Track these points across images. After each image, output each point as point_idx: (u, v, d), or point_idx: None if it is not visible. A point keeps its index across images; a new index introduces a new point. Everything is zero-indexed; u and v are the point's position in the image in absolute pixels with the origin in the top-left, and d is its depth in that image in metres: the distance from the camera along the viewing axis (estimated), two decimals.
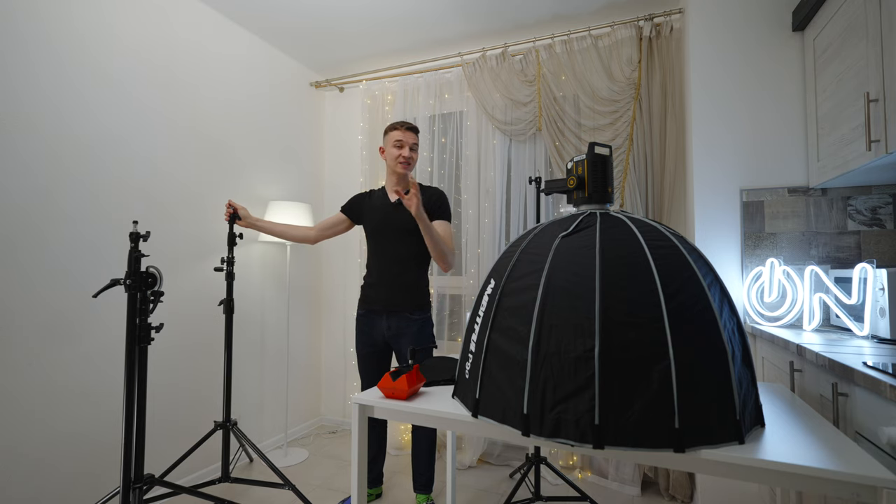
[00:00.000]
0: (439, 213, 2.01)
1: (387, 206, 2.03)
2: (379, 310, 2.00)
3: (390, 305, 1.97)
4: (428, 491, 2.08)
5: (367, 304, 2.03)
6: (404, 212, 1.98)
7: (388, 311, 1.98)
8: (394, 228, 1.99)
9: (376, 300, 2.00)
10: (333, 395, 3.20)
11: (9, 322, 1.63)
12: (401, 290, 1.97)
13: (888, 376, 0.95)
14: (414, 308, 1.98)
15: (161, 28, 2.18)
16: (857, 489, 0.74)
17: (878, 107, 1.35)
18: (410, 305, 1.97)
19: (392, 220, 1.99)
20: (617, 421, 0.81)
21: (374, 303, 2.01)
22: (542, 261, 0.95)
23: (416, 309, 1.98)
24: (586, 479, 2.39)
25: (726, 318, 0.89)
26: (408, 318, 1.97)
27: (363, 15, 2.49)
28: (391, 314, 1.98)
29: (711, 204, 2.00)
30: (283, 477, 2.01)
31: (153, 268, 1.54)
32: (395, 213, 2.01)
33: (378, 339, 2.03)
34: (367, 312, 2.04)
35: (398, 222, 1.98)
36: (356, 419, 1.14)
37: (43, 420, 1.72)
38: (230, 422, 2.11)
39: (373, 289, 2.02)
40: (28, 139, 1.70)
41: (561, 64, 2.50)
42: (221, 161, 2.48)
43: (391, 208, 2.02)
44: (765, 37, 1.94)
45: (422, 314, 2.00)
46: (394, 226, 1.99)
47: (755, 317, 1.85)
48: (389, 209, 2.02)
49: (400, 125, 2.01)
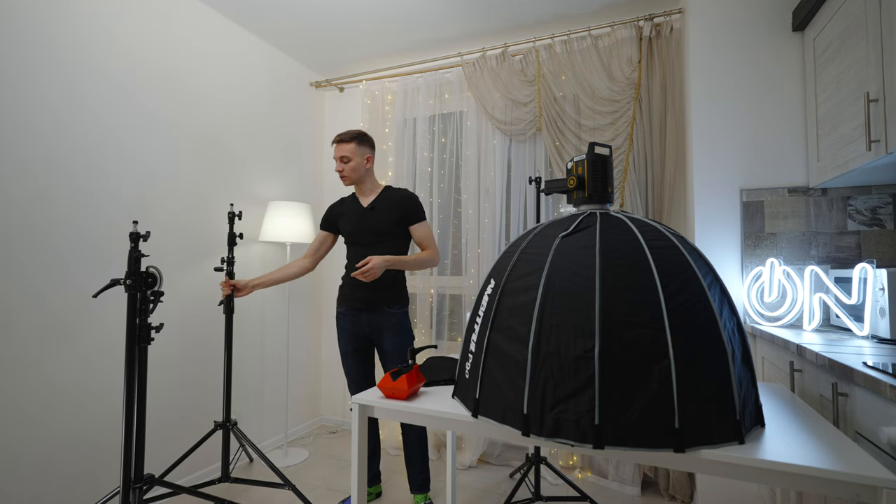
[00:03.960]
0: (417, 216, 2.06)
1: (359, 211, 2.07)
2: (359, 306, 2.04)
3: (370, 302, 2.02)
4: (425, 491, 2.08)
5: (347, 302, 2.07)
6: (376, 215, 2.03)
7: (368, 308, 2.03)
8: (367, 232, 2.03)
9: (355, 298, 2.04)
10: (333, 395, 3.20)
11: (9, 322, 1.63)
12: (379, 289, 2.01)
13: (888, 376, 0.95)
14: (392, 303, 2.03)
15: (161, 28, 2.18)
16: (857, 489, 0.74)
17: (878, 107, 1.35)
18: (388, 301, 2.02)
19: (364, 224, 2.04)
20: (617, 421, 0.81)
21: (353, 300, 2.04)
22: (542, 261, 0.95)
23: (394, 303, 2.03)
24: (586, 479, 2.39)
25: (726, 318, 0.89)
26: (387, 312, 2.02)
27: (363, 15, 2.49)
28: (371, 310, 2.02)
29: (711, 204, 2.00)
30: (282, 477, 2.01)
31: (153, 268, 1.54)
32: (366, 217, 2.04)
33: (360, 333, 2.07)
34: (347, 310, 2.07)
35: (370, 226, 2.03)
36: (356, 419, 1.14)
37: (43, 420, 1.72)
38: (230, 422, 2.11)
39: (352, 289, 2.05)
40: (27, 139, 1.70)
41: (561, 64, 2.50)
42: (221, 161, 2.48)
43: (363, 213, 2.06)
44: (765, 37, 1.94)
45: (399, 308, 2.05)
46: (366, 229, 2.03)
47: (755, 317, 1.85)
48: (361, 214, 2.06)
49: (335, 139, 2.06)
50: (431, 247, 2.06)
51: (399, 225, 2.03)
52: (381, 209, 2.04)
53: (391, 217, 2.02)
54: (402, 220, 2.03)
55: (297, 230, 2.59)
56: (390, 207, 2.03)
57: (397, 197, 2.06)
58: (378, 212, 2.04)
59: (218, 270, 2.03)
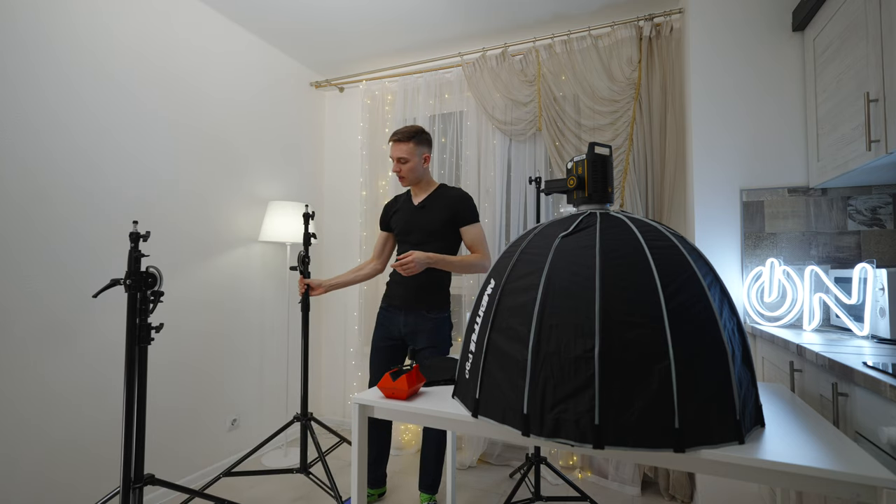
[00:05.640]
0: (468, 217, 2.00)
1: (410, 209, 2.05)
2: (399, 305, 2.02)
3: (409, 303, 2.00)
4: (433, 491, 2.08)
5: (389, 299, 2.07)
6: (426, 214, 2.00)
7: (407, 308, 2.00)
8: (417, 230, 2.00)
9: (396, 297, 2.03)
10: (333, 395, 3.20)
11: (7, 323, 1.63)
12: (420, 290, 1.99)
13: (888, 376, 0.95)
14: (430, 307, 1.99)
15: (161, 28, 2.18)
16: (857, 489, 0.74)
17: (878, 107, 1.35)
18: (427, 304, 1.99)
19: (415, 222, 2.01)
20: (617, 421, 0.81)
21: (394, 299, 2.04)
22: (542, 261, 0.95)
23: (433, 308, 2.00)
24: (586, 479, 2.39)
25: (726, 318, 0.89)
26: (424, 317, 1.99)
27: (363, 15, 2.49)
28: (409, 311, 2.00)
29: (711, 204, 2.00)
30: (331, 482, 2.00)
31: (153, 268, 1.54)
32: (417, 215, 2.01)
33: (395, 333, 2.05)
34: (388, 307, 2.07)
35: (421, 223, 2.00)
36: (356, 419, 1.14)
37: (43, 420, 1.72)
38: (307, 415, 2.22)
39: (395, 286, 2.05)
40: (27, 139, 1.70)
41: (561, 64, 2.50)
42: (221, 161, 2.48)
43: (414, 211, 2.03)
44: (765, 37, 1.94)
45: (438, 313, 2.01)
46: (417, 227, 2.00)
47: (755, 317, 1.85)
48: (412, 212, 2.03)
49: (392, 136, 2.01)
50: (482, 251, 1.98)
51: (449, 225, 1.97)
52: (433, 208, 1.99)
53: (441, 217, 1.97)
54: (453, 220, 1.98)
55: (298, 230, 2.59)
56: (442, 207, 1.98)
57: (450, 196, 2.01)
58: (428, 210, 2.00)
59: (293, 270, 2.14)
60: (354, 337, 3.10)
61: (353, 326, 3.12)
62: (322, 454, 2.13)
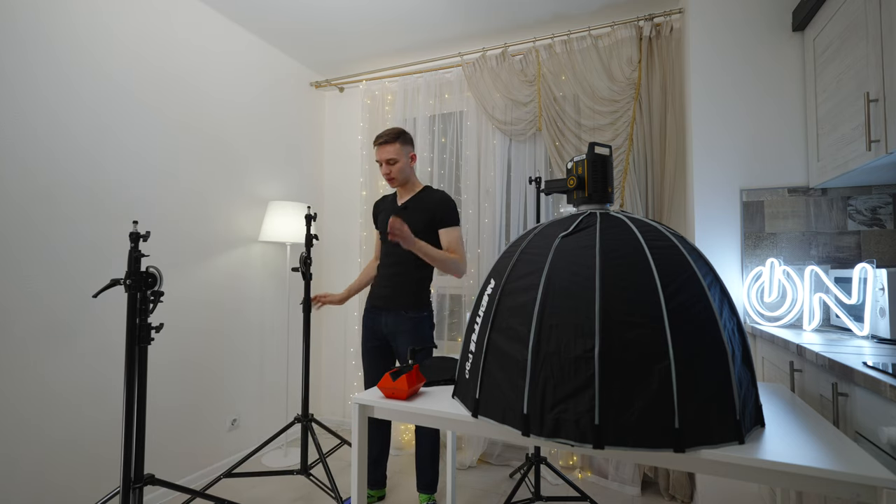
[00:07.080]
0: (446, 220, 2.01)
1: (393, 209, 2.08)
2: (380, 306, 2.05)
3: (389, 303, 2.02)
4: (432, 491, 2.08)
5: (372, 300, 2.10)
6: (408, 215, 2.02)
7: (387, 309, 2.03)
8: None
9: (378, 297, 2.06)
10: (333, 394, 3.19)
11: (7, 323, 1.63)
12: (399, 289, 2.01)
13: (888, 376, 0.95)
14: (409, 307, 2.01)
15: (161, 28, 2.17)
16: (857, 489, 0.74)
17: (878, 107, 1.35)
18: (406, 304, 2.01)
19: None
20: (617, 421, 0.81)
21: (377, 299, 2.07)
22: (542, 261, 0.95)
23: (411, 308, 2.01)
24: (586, 479, 2.39)
25: (726, 318, 0.89)
26: (403, 316, 2.01)
27: (363, 15, 2.49)
28: (388, 311, 2.03)
29: (711, 204, 2.00)
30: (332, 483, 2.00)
31: (153, 268, 1.54)
32: (401, 215, 2.04)
33: (379, 333, 2.07)
34: (371, 308, 2.10)
35: None
36: (356, 419, 1.14)
37: (43, 420, 1.71)
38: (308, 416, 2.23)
39: (377, 287, 2.08)
40: (26, 139, 1.70)
41: (561, 64, 2.50)
42: (221, 161, 2.48)
43: (396, 211, 2.07)
44: (765, 37, 1.94)
45: (417, 313, 2.02)
46: None
47: (755, 317, 1.85)
48: (394, 211, 2.07)
49: (376, 140, 2.03)
50: (458, 253, 1.99)
51: (429, 227, 1.99)
52: (415, 209, 2.02)
53: (422, 218, 1.99)
54: (432, 222, 1.99)
55: (298, 230, 2.59)
56: (423, 209, 2.01)
57: (432, 198, 2.03)
58: (410, 211, 2.02)
59: (295, 271, 2.18)
60: (354, 337, 3.11)
61: (353, 326, 3.12)
62: (323, 456, 2.13)
